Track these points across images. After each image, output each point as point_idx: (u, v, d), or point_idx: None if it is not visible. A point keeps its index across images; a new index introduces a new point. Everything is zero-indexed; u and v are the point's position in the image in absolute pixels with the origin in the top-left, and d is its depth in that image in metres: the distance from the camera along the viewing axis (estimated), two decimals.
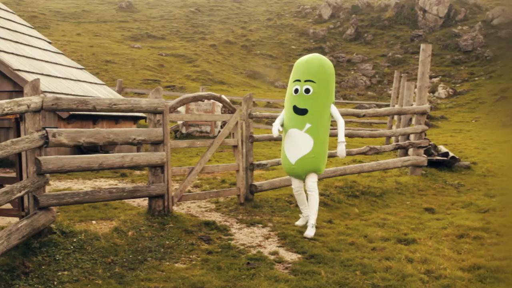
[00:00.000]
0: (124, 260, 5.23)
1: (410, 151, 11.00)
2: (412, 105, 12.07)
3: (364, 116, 9.94)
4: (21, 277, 4.58)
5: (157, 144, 6.53)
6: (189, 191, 8.20)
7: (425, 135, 10.96)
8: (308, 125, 6.35)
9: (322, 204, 8.00)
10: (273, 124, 6.70)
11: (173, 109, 6.79)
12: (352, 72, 35.96)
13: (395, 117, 15.43)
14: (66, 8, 43.49)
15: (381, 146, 10.17)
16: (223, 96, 7.65)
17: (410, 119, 11.60)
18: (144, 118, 14.61)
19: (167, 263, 5.27)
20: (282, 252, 5.78)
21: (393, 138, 14.30)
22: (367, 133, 10.30)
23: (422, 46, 11.24)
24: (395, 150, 11.65)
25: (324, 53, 37.94)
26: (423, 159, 10.54)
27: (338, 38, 41.31)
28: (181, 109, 16.72)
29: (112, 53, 31.29)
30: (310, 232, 6.35)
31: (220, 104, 16.80)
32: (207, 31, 41.60)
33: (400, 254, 5.62)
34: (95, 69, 26.33)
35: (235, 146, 7.71)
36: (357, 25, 42.10)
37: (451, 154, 11.80)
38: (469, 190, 9.65)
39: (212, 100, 13.25)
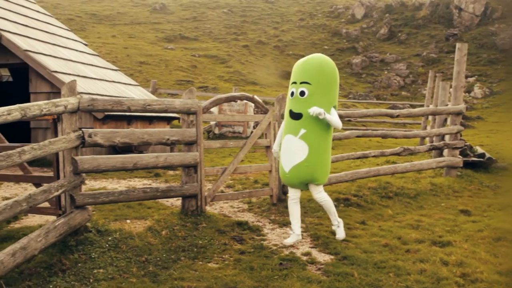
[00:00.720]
0: (158, 259, 5.29)
1: (445, 152, 10.82)
2: (447, 105, 11.88)
3: (397, 116, 9.82)
4: (58, 274, 4.67)
5: (190, 144, 6.58)
6: (222, 191, 8.25)
7: (461, 135, 10.76)
8: (302, 131, 5.83)
9: (355, 205, 7.95)
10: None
11: (206, 109, 6.83)
12: (386, 72, 35.58)
13: (430, 117, 15.21)
14: (101, 10, 44.21)
15: (415, 147, 10.03)
16: (255, 97, 7.66)
17: (445, 120, 11.42)
18: (178, 118, 14.75)
19: (200, 262, 5.31)
20: (315, 253, 5.76)
21: (427, 139, 14.09)
22: (401, 134, 10.17)
23: (458, 45, 11.06)
24: (430, 151, 11.47)
25: (357, 53, 37.72)
26: (458, 160, 10.36)
27: (371, 38, 40.95)
28: (214, 109, 16.81)
29: (146, 54, 31.68)
30: (340, 234, 6.22)
31: (253, 105, 16.85)
32: (240, 32, 41.74)
33: (435, 256, 5.54)
34: (130, 70, 26.70)
35: (268, 147, 7.72)
36: (391, 24, 41.65)
37: (487, 155, 11.55)
38: (506, 192, 9.43)
39: (244, 101, 13.29)
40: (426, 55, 36.96)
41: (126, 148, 10.27)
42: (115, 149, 10.42)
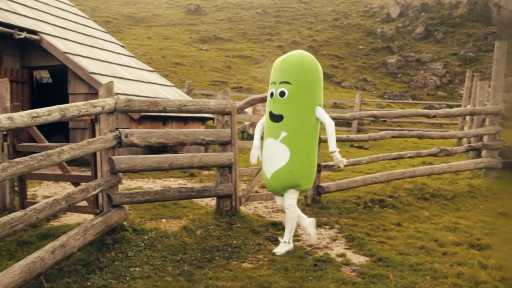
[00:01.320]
0: (193, 258, 5.33)
1: (484, 153, 10.60)
2: (485, 105, 11.64)
3: (434, 116, 9.68)
4: (96, 271, 4.76)
5: (225, 144, 6.62)
6: (256, 192, 8.27)
7: (500, 136, 10.53)
8: (283, 134, 5.47)
9: (390, 206, 7.87)
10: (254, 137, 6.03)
11: (241, 110, 6.86)
12: (422, 72, 35.04)
13: (467, 117, 14.92)
14: (137, 12, 44.81)
15: (452, 148, 9.86)
16: None
17: (484, 120, 11.18)
18: (212, 119, 14.84)
19: (235, 262, 5.33)
20: (350, 254, 5.72)
21: (465, 140, 13.83)
22: (438, 134, 10.02)
23: (497, 43, 10.82)
24: (467, 152, 11.26)
25: (392, 53, 37.24)
26: (497, 161, 10.14)
27: (407, 37, 40.39)
28: (248, 110, 16.84)
29: (181, 55, 31.95)
30: (280, 249, 5.65)
31: None
32: (274, 32, 41.72)
33: (473, 259, 5.43)
34: (165, 71, 26.96)
35: None
36: (427, 23, 41.01)
37: None
38: None
39: None
40: (463, 54, 36.26)
41: (161, 148, 10.38)
42: (150, 149, 10.55)
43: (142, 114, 11.15)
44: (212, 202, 7.45)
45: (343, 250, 5.87)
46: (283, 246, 5.64)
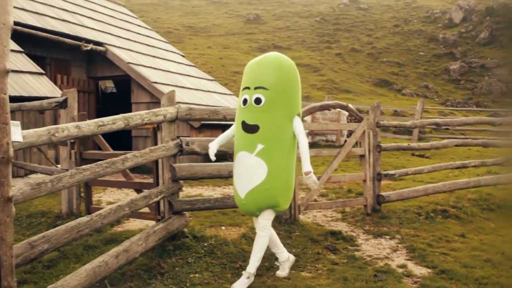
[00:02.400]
0: None
1: None
2: None
3: (500, 124, 9.36)
4: (157, 277, 4.86)
5: None
6: (315, 200, 8.22)
7: None
8: (260, 147, 4.66)
9: (453, 217, 7.65)
10: (209, 145, 5.17)
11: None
12: (486, 78, 33.95)
13: None
14: (198, 23, 45.66)
15: None
16: (349, 105, 7.59)
17: None
18: None
19: (293, 271, 5.31)
20: (411, 265, 5.59)
21: None
22: (504, 143, 9.66)
23: None
24: None
25: (455, 59, 36.29)
26: None
27: (471, 43, 39.25)
28: (307, 118, 16.82)
29: (240, 64, 32.26)
30: (240, 285, 4.74)
31: (346, 113, 16.67)
32: (333, 40, 41.51)
33: None
34: (224, 80, 27.32)
35: (362, 156, 7.60)
36: (492, 28, 39.73)
37: None
38: None
39: (337, 109, 13.19)
40: None
41: (221, 156, 10.50)
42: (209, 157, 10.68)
43: (202, 122, 11.33)
44: None
45: (404, 261, 5.74)
46: (245, 282, 4.77)
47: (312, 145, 16.99)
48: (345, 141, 16.30)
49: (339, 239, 6.39)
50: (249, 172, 4.72)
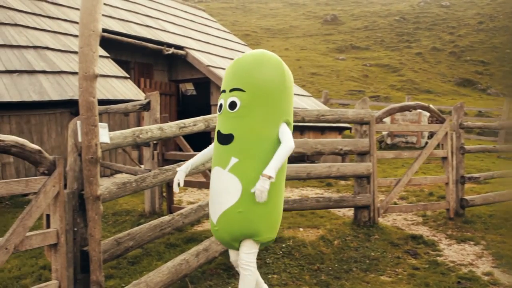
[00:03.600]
0: (330, 268, 5.31)
1: None
2: None
3: None
4: (236, 276, 4.90)
5: (363, 154, 6.53)
6: (395, 203, 8.05)
7: None
8: (233, 161, 3.61)
9: None
10: (177, 169, 4.04)
11: (380, 119, 6.74)
12: None
13: None
14: (275, 25, 45.90)
15: None
16: (431, 106, 7.37)
17: None
18: (349, 128, 14.73)
19: (372, 275, 5.22)
20: (498, 273, 5.34)
21: None
22: None
23: None
24: None
25: None
26: None
27: None
28: (386, 119, 16.50)
29: (317, 65, 32.16)
30: None
31: (427, 114, 16.20)
32: (413, 39, 40.46)
33: None
34: (302, 81, 27.31)
35: (444, 158, 7.37)
36: None
37: None
38: None
39: (418, 110, 12.84)
40: None
41: (298, 157, 10.51)
42: (287, 158, 10.72)
43: None
44: (349, 212, 7.38)
45: (490, 268, 5.50)
46: None
47: (391, 147, 16.64)
48: (426, 143, 15.85)
49: (420, 244, 6.21)
50: (221, 192, 3.66)
